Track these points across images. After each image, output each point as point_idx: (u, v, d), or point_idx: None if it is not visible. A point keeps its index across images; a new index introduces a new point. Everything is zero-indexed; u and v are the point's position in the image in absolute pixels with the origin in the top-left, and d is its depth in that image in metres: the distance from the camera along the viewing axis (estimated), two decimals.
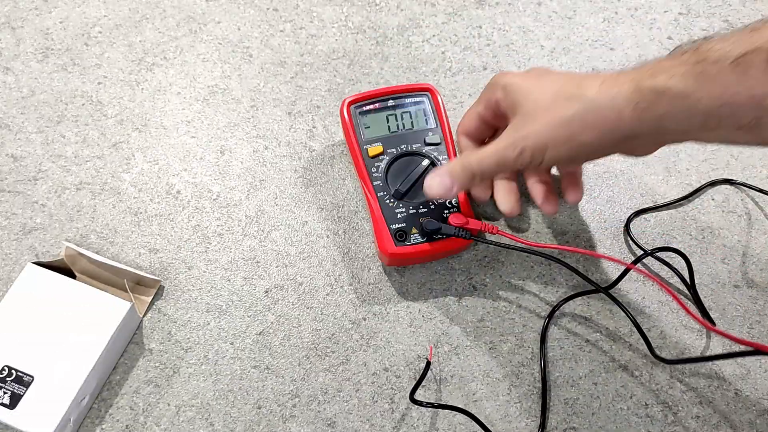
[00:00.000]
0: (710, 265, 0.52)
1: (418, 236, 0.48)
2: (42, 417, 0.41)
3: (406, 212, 0.48)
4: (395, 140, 0.50)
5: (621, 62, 0.60)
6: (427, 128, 0.51)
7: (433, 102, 0.52)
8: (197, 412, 0.46)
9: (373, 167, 0.49)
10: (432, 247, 0.47)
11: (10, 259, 0.50)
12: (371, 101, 0.51)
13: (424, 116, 0.51)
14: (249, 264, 0.50)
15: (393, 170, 0.49)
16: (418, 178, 0.48)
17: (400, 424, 0.46)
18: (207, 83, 0.57)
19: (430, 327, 0.49)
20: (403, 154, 0.50)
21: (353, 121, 0.51)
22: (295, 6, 0.62)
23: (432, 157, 0.50)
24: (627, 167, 0.55)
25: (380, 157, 0.50)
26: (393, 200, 0.48)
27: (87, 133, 0.55)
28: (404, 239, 0.47)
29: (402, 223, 0.48)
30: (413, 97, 0.52)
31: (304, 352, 0.48)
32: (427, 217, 0.48)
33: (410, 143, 0.50)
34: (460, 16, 0.62)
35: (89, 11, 0.60)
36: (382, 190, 0.49)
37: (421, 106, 0.52)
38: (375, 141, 0.50)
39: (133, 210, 0.52)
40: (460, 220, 0.47)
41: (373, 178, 0.49)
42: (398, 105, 0.52)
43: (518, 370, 0.48)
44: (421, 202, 0.49)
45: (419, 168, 0.49)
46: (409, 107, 0.52)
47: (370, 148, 0.50)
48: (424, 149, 0.50)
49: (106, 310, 0.45)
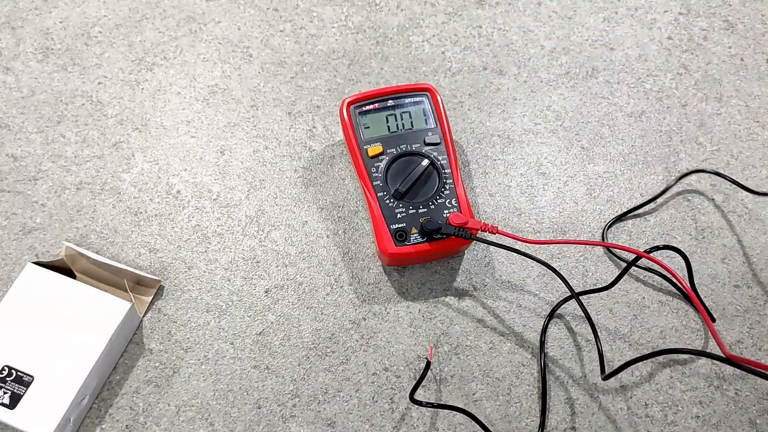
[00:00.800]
0: (710, 265, 0.52)
1: (418, 236, 0.47)
2: (42, 417, 0.41)
3: (406, 212, 0.48)
4: (395, 140, 0.50)
5: (621, 62, 0.60)
6: (426, 128, 0.51)
7: (433, 102, 0.52)
8: (197, 412, 0.46)
9: (373, 167, 0.49)
10: (432, 247, 0.47)
11: (10, 259, 0.50)
12: (371, 101, 0.51)
13: (424, 116, 0.51)
14: (249, 264, 0.50)
15: (393, 170, 0.49)
16: (418, 178, 0.48)
17: (400, 424, 0.46)
18: (207, 83, 0.57)
19: (429, 327, 0.49)
20: (402, 154, 0.50)
21: (353, 121, 0.51)
22: (295, 6, 0.62)
23: (432, 157, 0.50)
24: (627, 167, 0.55)
25: (380, 157, 0.50)
26: (393, 200, 0.48)
27: (87, 133, 0.55)
28: (404, 239, 0.47)
29: (402, 223, 0.48)
30: (413, 97, 0.52)
31: (304, 352, 0.48)
32: (427, 217, 0.48)
33: (410, 143, 0.50)
34: (460, 16, 0.62)
35: (89, 11, 0.60)
36: (381, 190, 0.49)
37: (420, 106, 0.52)
38: (375, 141, 0.50)
39: (133, 210, 0.52)
40: (460, 219, 0.47)
41: (372, 178, 0.49)
42: (398, 105, 0.52)
43: (518, 370, 0.48)
44: (420, 202, 0.48)
45: (419, 168, 0.49)
46: (408, 107, 0.52)
47: (369, 148, 0.50)
48: (424, 149, 0.50)
49: (106, 310, 0.45)
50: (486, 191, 0.54)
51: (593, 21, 0.62)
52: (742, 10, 0.63)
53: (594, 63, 0.60)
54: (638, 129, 0.57)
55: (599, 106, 0.58)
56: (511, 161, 0.55)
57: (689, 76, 0.60)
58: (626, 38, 0.62)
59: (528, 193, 0.54)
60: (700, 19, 0.63)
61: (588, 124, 0.57)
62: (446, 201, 0.49)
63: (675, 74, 0.60)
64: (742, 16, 0.63)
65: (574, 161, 0.55)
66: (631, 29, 0.62)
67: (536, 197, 0.54)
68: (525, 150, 0.56)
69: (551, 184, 0.54)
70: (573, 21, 0.62)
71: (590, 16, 0.63)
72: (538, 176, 0.55)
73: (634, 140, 0.57)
